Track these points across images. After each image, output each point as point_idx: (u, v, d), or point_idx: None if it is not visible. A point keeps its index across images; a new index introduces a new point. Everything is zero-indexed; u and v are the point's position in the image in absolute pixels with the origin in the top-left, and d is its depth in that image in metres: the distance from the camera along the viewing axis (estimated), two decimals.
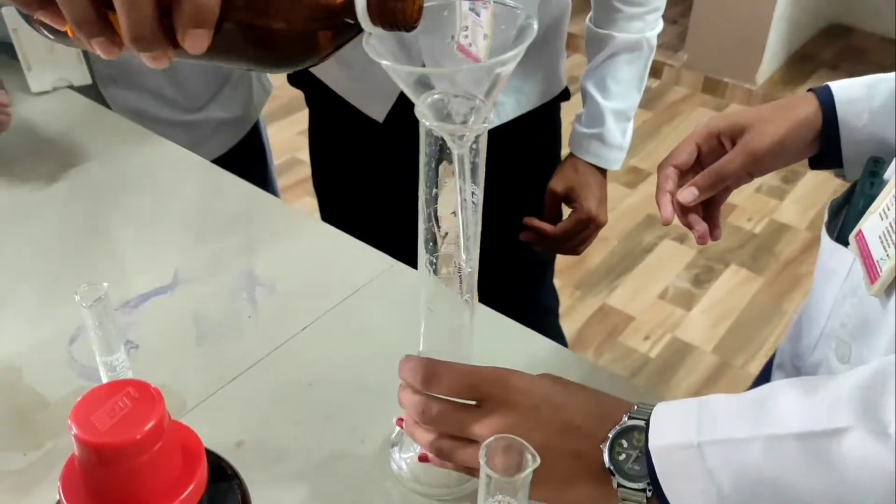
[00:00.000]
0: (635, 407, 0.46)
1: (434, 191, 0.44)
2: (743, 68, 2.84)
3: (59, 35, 0.42)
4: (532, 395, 0.47)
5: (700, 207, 0.72)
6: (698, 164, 0.72)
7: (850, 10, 3.18)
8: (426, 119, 0.41)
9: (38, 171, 0.87)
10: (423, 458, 0.52)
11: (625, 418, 0.45)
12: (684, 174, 0.72)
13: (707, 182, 0.69)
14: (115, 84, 1.01)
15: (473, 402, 0.48)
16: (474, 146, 0.43)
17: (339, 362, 0.66)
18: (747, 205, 2.37)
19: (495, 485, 0.36)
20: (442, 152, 0.43)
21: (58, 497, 0.35)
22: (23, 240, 0.79)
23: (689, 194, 0.69)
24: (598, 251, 2.17)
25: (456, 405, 0.48)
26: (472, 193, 0.44)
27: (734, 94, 2.88)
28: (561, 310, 1.88)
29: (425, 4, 0.38)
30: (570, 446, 0.46)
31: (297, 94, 1.11)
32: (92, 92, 1.02)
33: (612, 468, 0.44)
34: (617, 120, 1.02)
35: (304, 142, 1.16)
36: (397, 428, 0.58)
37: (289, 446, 0.59)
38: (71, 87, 0.98)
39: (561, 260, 1.27)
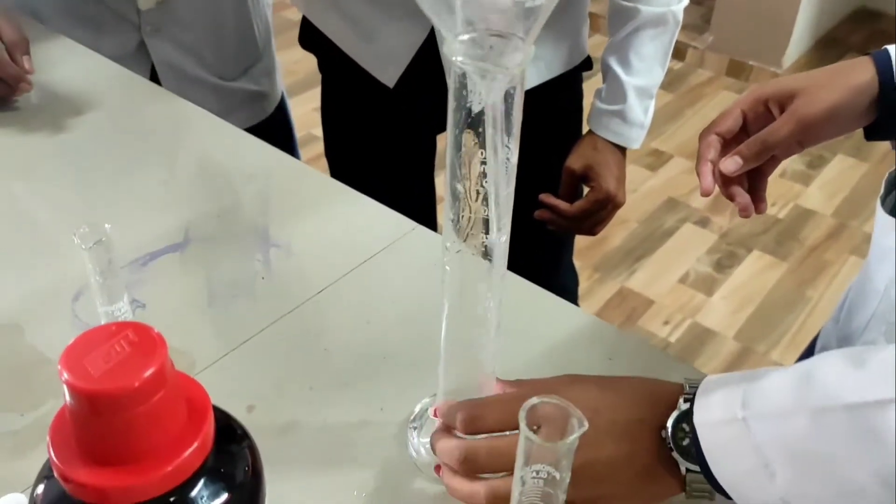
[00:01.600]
0: (686, 387, 0.44)
1: (461, 150, 0.39)
2: (769, 51, 2.77)
3: None
4: (584, 406, 0.43)
5: (744, 179, 0.68)
6: (744, 132, 0.67)
7: None
8: (457, 55, 0.36)
9: (51, 124, 0.84)
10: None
11: (680, 401, 0.43)
12: (728, 143, 0.68)
13: (752, 151, 0.65)
14: (158, 34, 0.99)
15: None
16: (510, 95, 0.38)
17: (356, 327, 0.62)
18: (771, 189, 2.27)
19: (536, 452, 0.32)
20: (471, 99, 0.38)
21: (47, 454, 0.31)
22: (31, 193, 0.76)
23: (732, 163, 0.65)
24: (617, 233, 2.13)
25: (501, 440, 0.44)
26: (506, 149, 0.40)
27: (759, 77, 2.81)
28: (579, 291, 1.84)
29: None
30: (633, 448, 0.43)
31: (314, 71, 1.08)
32: (135, 42, 0.99)
33: (678, 455, 0.42)
34: (639, 97, 0.97)
35: (320, 118, 1.13)
36: (416, 408, 0.54)
37: (302, 413, 0.55)
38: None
39: (580, 241, 1.23)
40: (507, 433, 0.44)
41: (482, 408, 0.46)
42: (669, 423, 0.42)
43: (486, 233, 0.41)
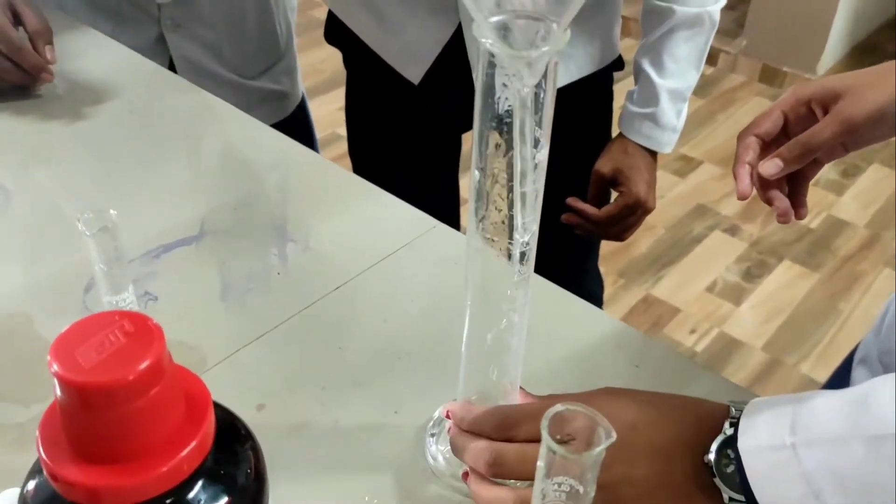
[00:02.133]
0: (732, 410, 0.41)
1: (488, 146, 0.37)
2: (804, 57, 2.71)
3: None
4: (622, 422, 0.41)
5: (784, 183, 0.65)
6: (784, 134, 0.64)
7: None
8: (487, 37, 0.34)
9: (72, 113, 0.83)
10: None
11: (726, 425, 0.40)
12: (767, 145, 0.65)
13: (794, 153, 0.61)
14: (178, 30, 0.98)
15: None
16: (541, 87, 0.36)
17: (372, 326, 0.60)
18: None
19: (559, 463, 0.29)
20: (500, 85, 0.36)
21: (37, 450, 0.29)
22: (49, 181, 0.74)
23: (772, 166, 0.62)
24: (644, 239, 2.09)
25: (532, 445, 0.42)
26: (536, 144, 0.37)
27: (793, 83, 2.75)
28: (604, 297, 1.80)
29: None
30: (670, 469, 0.41)
31: (339, 70, 1.06)
32: (154, 36, 0.98)
33: (720, 483, 0.39)
34: (672, 100, 0.94)
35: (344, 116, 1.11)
36: (436, 413, 0.52)
37: (314, 413, 0.53)
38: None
39: (605, 246, 1.20)
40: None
41: (516, 416, 0.44)
42: (713, 448, 0.40)
43: (512, 234, 0.39)
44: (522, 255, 0.40)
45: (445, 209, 1.13)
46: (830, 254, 2.08)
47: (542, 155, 0.38)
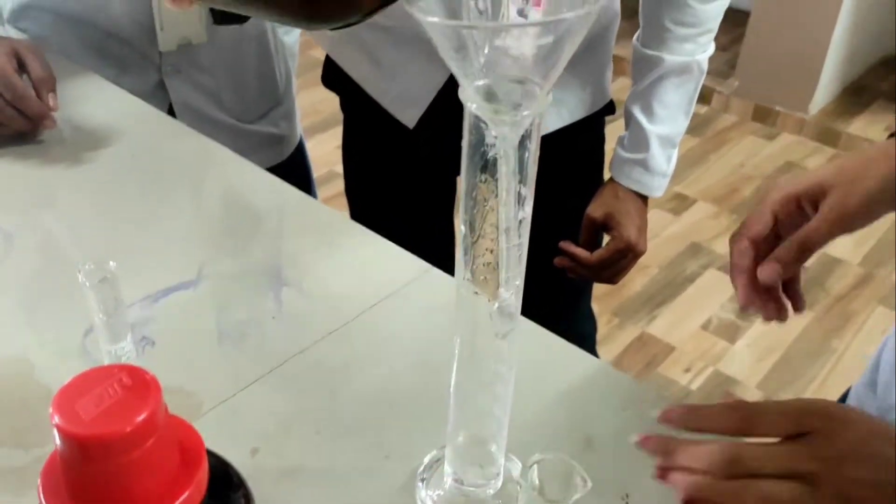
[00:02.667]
0: None
1: (472, 190, 0.39)
2: (795, 97, 2.76)
3: None
4: (858, 428, 0.43)
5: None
6: (774, 234, 0.61)
7: None
8: (472, 102, 0.36)
9: (72, 158, 0.85)
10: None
11: None
12: (759, 245, 0.63)
13: (791, 255, 0.59)
14: (178, 76, 1.01)
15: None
16: (526, 141, 0.38)
17: (365, 371, 0.61)
18: None
19: None
20: (486, 145, 0.38)
21: (38, 498, 0.31)
22: (48, 225, 0.76)
23: (771, 271, 0.58)
24: (638, 278, 2.10)
25: (773, 443, 0.44)
26: (520, 201, 0.39)
27: (785, 123, 2.80)
28: (598, 337, 1.81)
29: None
30: None
31: (337, 109, 1.09)
32: (154, 81, 1.01)
33: None
34: (662, 146, 0.96)
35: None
36: (426, 458, 0.53)
37: (307, 458, 0.54)
38: (189, 43, 1.00)
39: (599, 286, 1.21)
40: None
41: (759, 408, 0.45)
42: None
43: (497, 287, 0.41)
44: (508, 307, 0.41)
45: (441, 251, 1.15)
46: (824, 292, 2.09)
47: (526, 211, 0.39)
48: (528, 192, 0.39)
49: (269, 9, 0.36)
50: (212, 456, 0.34)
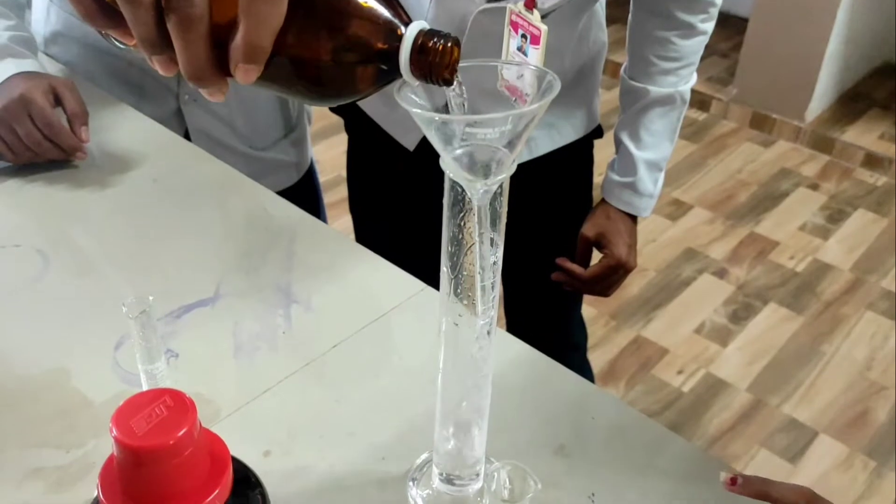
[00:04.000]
0: None
1: (454, 236, 0.46)
2: (792, 105, 2.82)
3: (127, 46, 0.45)
4: None
5: None
6: None
7: None
8: (449, 170, 0.44)
9: (99, 181, 0.93)
10: None
11: None
12: None
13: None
14: (194, 103, 1.08)
15: None
16: (497, 196, 0.45)
17: (365, 381, 0.69)
18: (790, 242, 2.35)
19: None
20: (464, 201, 0.45)
21: (96, 493, 0.38)
22: (77, 247, 0.84)
23: None
24: (635, 282, 2.17)
25: None
26: (493, 246, 0.46)
27: (782, 130, 2.86)
28: (594, 339, 1.89)
29: (468, 63, 0.41)
30: None
31: None
32: (172, 109, 1.08)
33: None
34: (649, 170, 1.04)
35: None
36: (417, 461, 0.60)
37: (312, 459, 0.61)
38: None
39: None
40: None
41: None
42: None
43: (476, 314, 0.48)
44: (485, 334, 0.49)
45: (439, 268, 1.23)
46: (815, 297, 2.16)
47: (498, 255, 0.47)
48: (499, 239, 0.46)
49: (282, 89, 0.43)
50: (235, 461, 0.41)
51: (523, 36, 0.82)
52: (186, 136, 1.09)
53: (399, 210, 1.15)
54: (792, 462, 1.69)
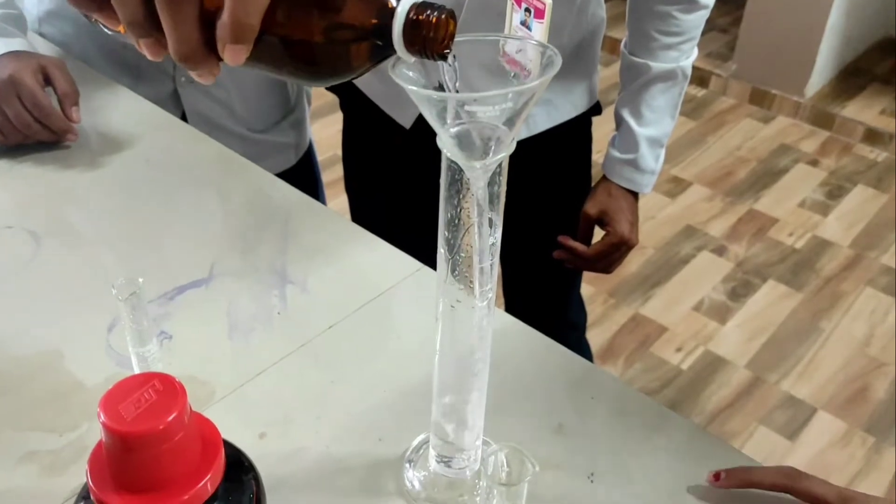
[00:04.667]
0: None
1: (452, 217, 0.45)
2: (792, 80, 2.80)
3: (115, 30, 0.44)
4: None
5: None
6: None
7: None
8: (447, 149, 0.43)
9: (92, 162, 0.91)
10: None
11: None
12: None
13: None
14: (191, 85, 1.06)
15: None
16: (495, 176, 0.44)
17: (361, 362, 0.68)
18: (789, 219, 2.34)
19: (498, 494, 0.37)
20: (462, 181, 0.44)
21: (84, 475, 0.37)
22: (70, 229, 0.83)
23: None
24: (634, 260, 2.17)
25: None
26: (491, 227, 0.45)
27: (782, 105, 2.84)
28: (593, 317, 1.88)
29: (466, 38, 0.40)
30: None
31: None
32: (169, 90, 1.06)
33: None
34: (650, 146, 1.04)
35: None
36: (413, 442, 0.60)
37: (308, 441, 0.61)
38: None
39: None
40: None
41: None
42: None
43: (474, 296, 0.47)
44: (483, 316, 0.48)
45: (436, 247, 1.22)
46: (814, 274, 2.15)
47: (497, 235, 0.46)
48: (498, 220, 0.45)
49: (274, 70, 0.42)
50: (227, 445, 0.41)
51: (527, 10, 0.81)
52: (183, 119, 1.07)
53: (396, 188, 1.14)
54: (790, 439, 1.69)
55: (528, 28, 0.84)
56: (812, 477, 0.55)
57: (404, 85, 0.39)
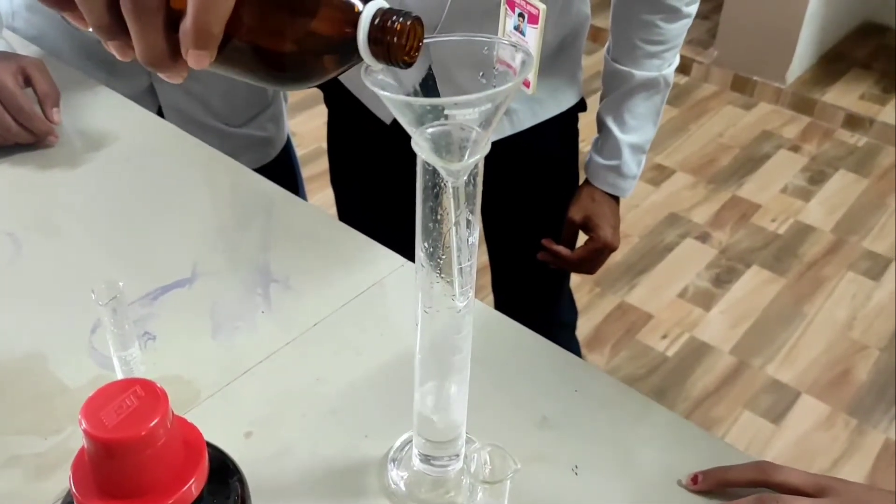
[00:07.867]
0: None
1: (430, 218, 0.45)
2: (773, 67, 2.81)
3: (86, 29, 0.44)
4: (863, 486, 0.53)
5: None
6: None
7: (884, 9, 3.13)
8: (421, 152, 0.42)
9: (71, 162, 0.91)
10: None
11: None
12: None
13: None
14: (168, 82, 1.04)
15: None
16: (471, 177, 0.44)
17: (346, 359, 0.68)
18: (772, 205, 2.36)
19: (481, 492, 0.38)
20: (437, 182, 0.43)
21: (70, 489, 0.37)
22: (50, 229, 0.82)
23: None
24: (620, 248, 2.17)
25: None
26: (469, 226, 0.45)
27: (763, 92, 2.85)
28: (579, 306, 1.89)
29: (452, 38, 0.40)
30: None
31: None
32: (144, 85, 1.05)
33: None
34: (633, 153, 1.05)
35: None
36: (398, 441, 0.60)
37: (294, 439, 0.61)
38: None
39: None
40: None
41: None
42: None
43: (453, 296, 0.47)
44: (463, 315, 0.48)
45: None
46: (797, 259, 2.17)
47: (474, 237, 0.46)
48: (475, 220, 0.45)
49: (240, 74, 0.42)
50: (211, 448, 0.41)
51: (520, 15, 0.81)
52: (159, 114, 1.06)
53: (381, 183, 1.14)
54: (775, 423, 1.71)
55: (522, 33, 0.84)
56: (786, 468, 0.56)
57: (376, 90, 0.39)
